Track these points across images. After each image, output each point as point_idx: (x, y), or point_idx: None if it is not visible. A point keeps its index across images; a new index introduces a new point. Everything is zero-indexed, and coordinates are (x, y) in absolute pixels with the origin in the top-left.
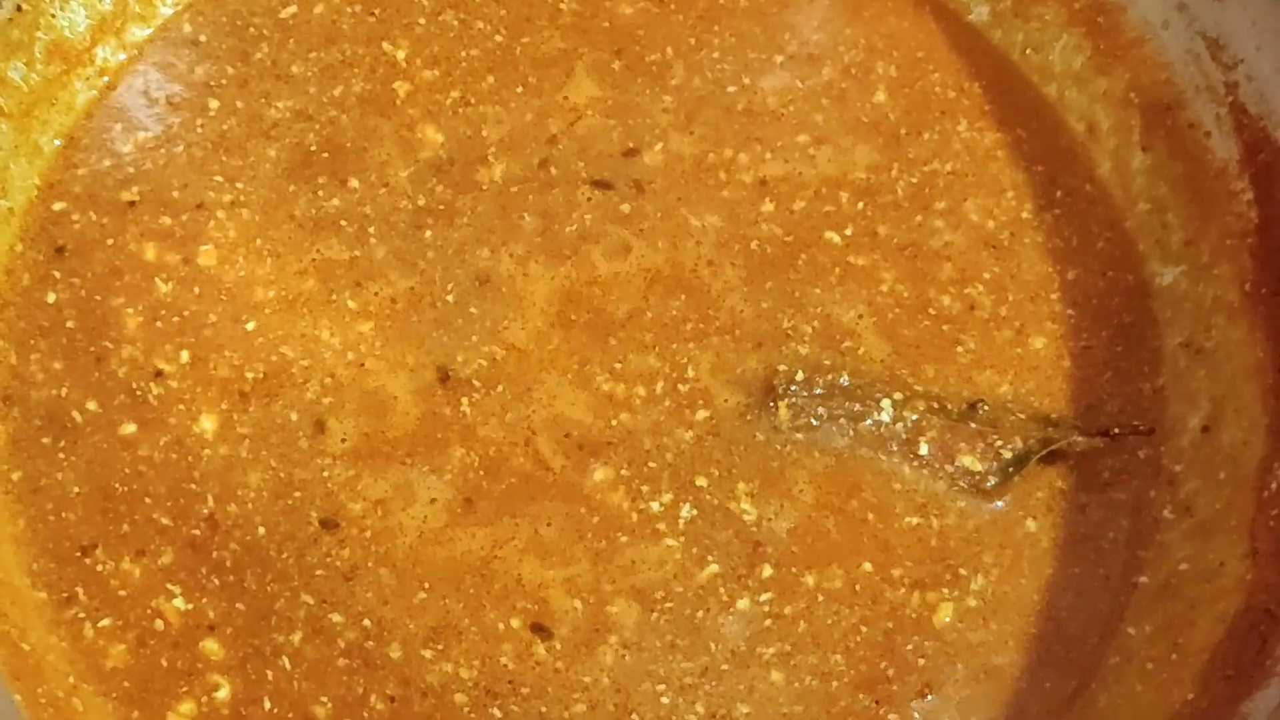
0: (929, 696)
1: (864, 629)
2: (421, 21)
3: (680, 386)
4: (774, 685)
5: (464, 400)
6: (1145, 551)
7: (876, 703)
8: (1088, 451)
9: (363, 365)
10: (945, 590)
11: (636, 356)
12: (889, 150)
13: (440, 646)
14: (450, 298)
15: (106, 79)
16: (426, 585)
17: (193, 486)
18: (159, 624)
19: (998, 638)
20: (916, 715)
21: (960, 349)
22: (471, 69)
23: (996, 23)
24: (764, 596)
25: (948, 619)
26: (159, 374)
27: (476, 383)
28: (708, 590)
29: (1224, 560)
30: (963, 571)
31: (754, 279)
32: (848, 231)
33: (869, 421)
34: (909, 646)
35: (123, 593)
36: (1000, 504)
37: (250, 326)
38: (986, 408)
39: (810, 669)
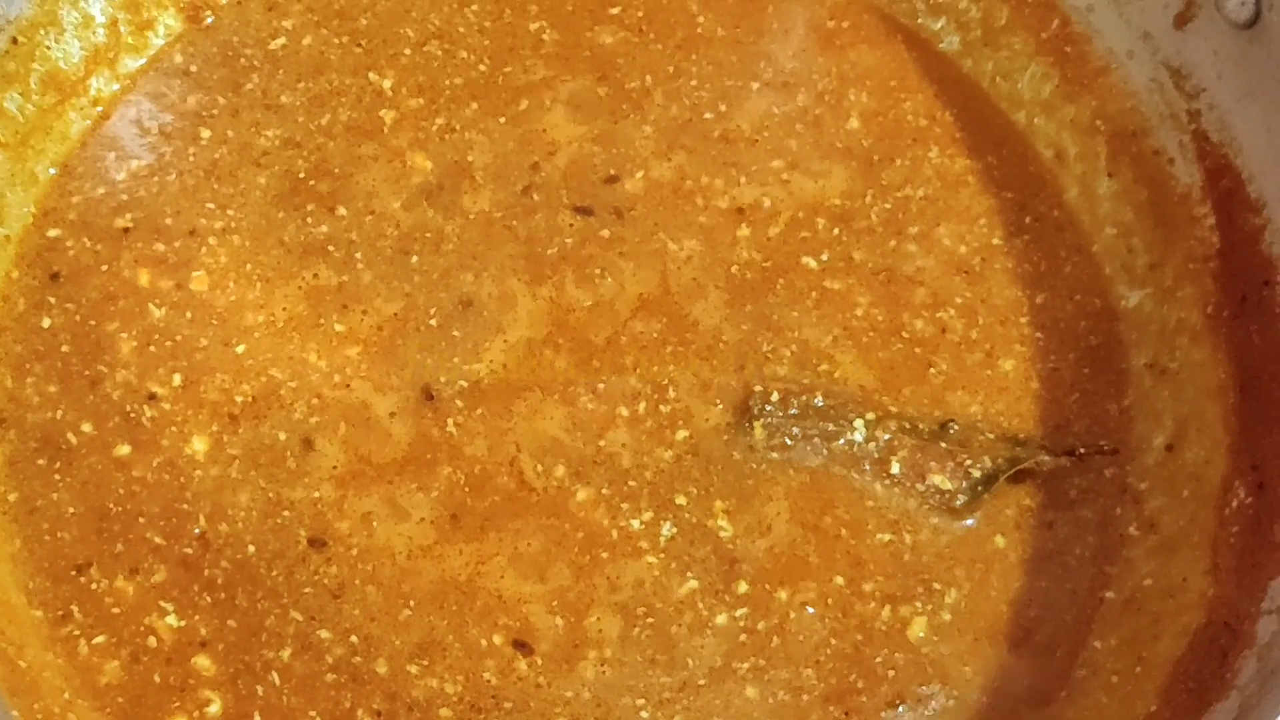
0: (899, 707)
1: (834, 642)
2: (407, 52)
3: (662, 407)
4: (749, 700)
5: (449, 421)
6: (1111, 567)
7: (846, 714)
8: (1055, 470)
9: (349, 387)
10: (918, 604)
11: (618, 378)
12: (863, 176)
13: (425, 662)
14: (434, 321)
15: (100, 109)
16: (412, 603)
17: (185, 506)
18: (152, 641)
19: (968, 650)
20: None
21: (932, 371)
22: (455, 97)
23: (967, 52)
24: (740, 612)
25: (921, 633)
26: (152, 397)
27: (460, 403)
28: (686, 605)
29: (1187, 576)
30: (936, 586)
31: (734, 303)
32: (824, 256)
33: (842, 441)
34: (878, 659)
35: (116, 610)
36: (970, 521)
37: (240, 350)
38: (957, 428)
39: (783, 683)
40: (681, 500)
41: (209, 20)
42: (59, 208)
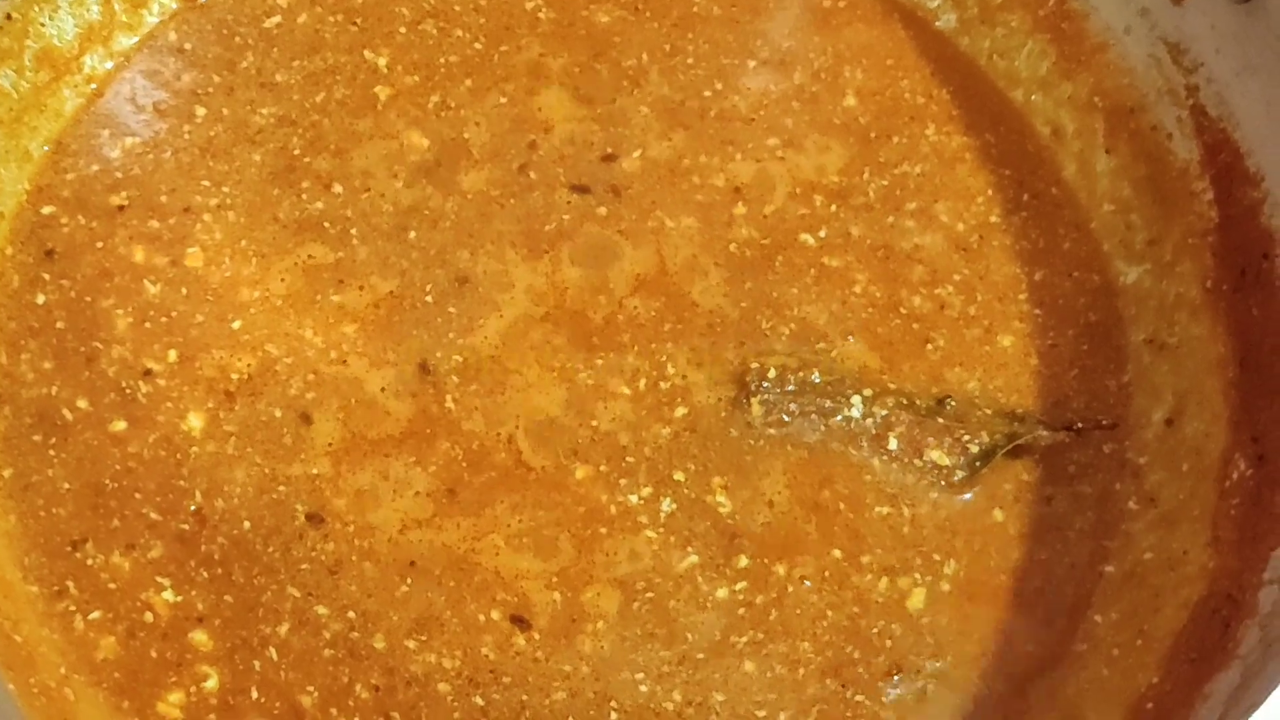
0: (896, 676)
1: (830, 614)
2: (402, 30)
3: (660, 384)
4: (747, 674)
5: (447, 397)
6: (1111, 541)
7: (843, 686)
8: (1054, 446)
9: (345, 363)
10: (918, 575)
11: (616, 355)
12: (860, 153)
13: (423, 637)
14: (429, 298)
15: (94, 86)
16: (409, 578)
17: (181, 482)
18: (148, 616)
19: (967, 622)
20: (885, 698)
21: (930, 347)
22: (451, 75)
23: (964, 29)
24: (739, 586)
25: (920, 604)
26: (148, 373)
27: (456, 379)
28: (685, 580)
29: (1187, 549)
30: (935, 557)
31: (733, 280)
32: (822, 233)
33: (839, 417)
34: (875, 630)
35: (113, 586)
36: (968, 496)
37: (236, 326)
38: (954, 403)
39: (780, 657)
40: (680, 476)
41: None
42: (53, 185)
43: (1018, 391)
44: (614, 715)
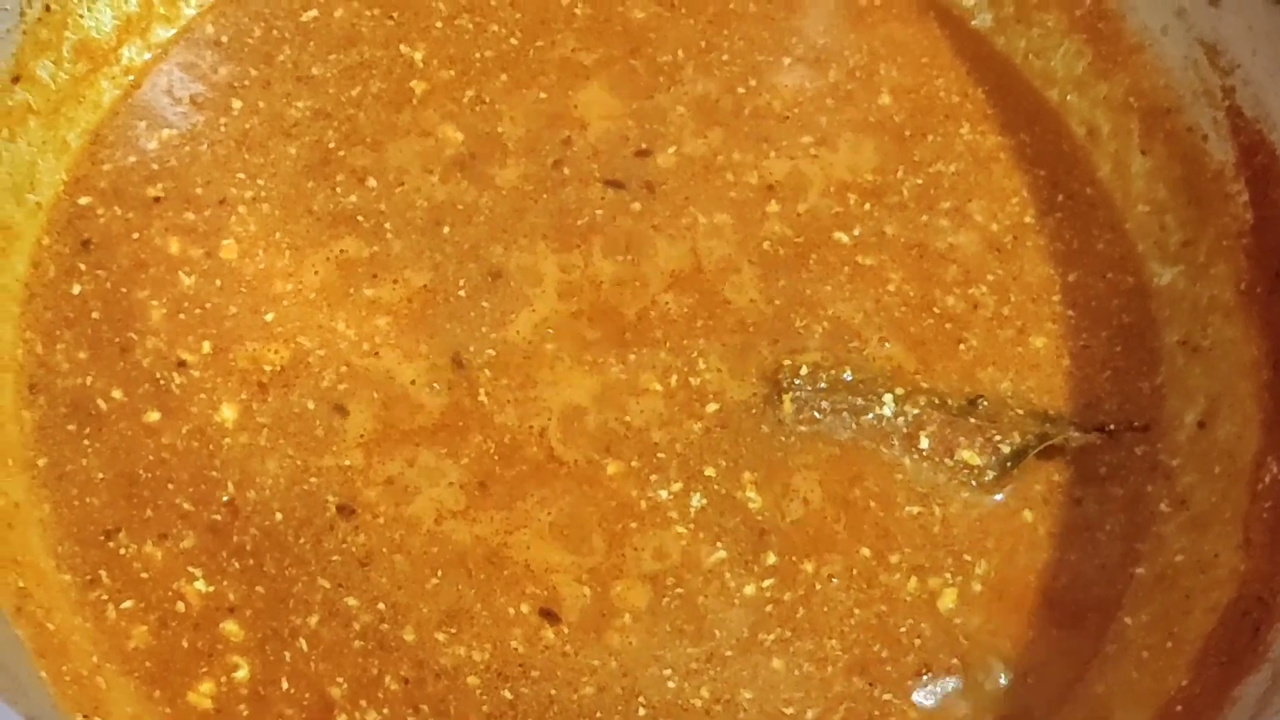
0: (925, 675)
1: (858, 612)
2: (438, 25)
3: (691, 380)
4: (775, 672)
5: (480, 390)
6: (1142, 544)
7: (871, 684)
8: (1085, 447)
9: (378, 355)
10: (948, 575)
11: (648, 351)
12: (894, 152)
13: (453, 630)
14: (462, 292)
15: (132, 78)
16: (440, 571)
17: (214, 473)
18: (180, 606)
19: (997, 622)
20: (913, 696)
21: (963, 347)
22: (486, 70)
23: (1000, 29)
24: (767, 583)
25: (952, 604)
26: (182, 364)
27: (489, 372)
28: (714, 576)
29: (1219, 551)
30: (967, 557)
31: (767, 277)
32: (856, 232)
33: (871, 415)
34: (903, 629)
35: (145, 575)
36: (999, 496)
37: (269, 318)
38: (986, 403)
39: (807, 655)
40: (710, 472)
41: None
42: (90, 175)
43: (1050, 392)
44: (642, 711)
